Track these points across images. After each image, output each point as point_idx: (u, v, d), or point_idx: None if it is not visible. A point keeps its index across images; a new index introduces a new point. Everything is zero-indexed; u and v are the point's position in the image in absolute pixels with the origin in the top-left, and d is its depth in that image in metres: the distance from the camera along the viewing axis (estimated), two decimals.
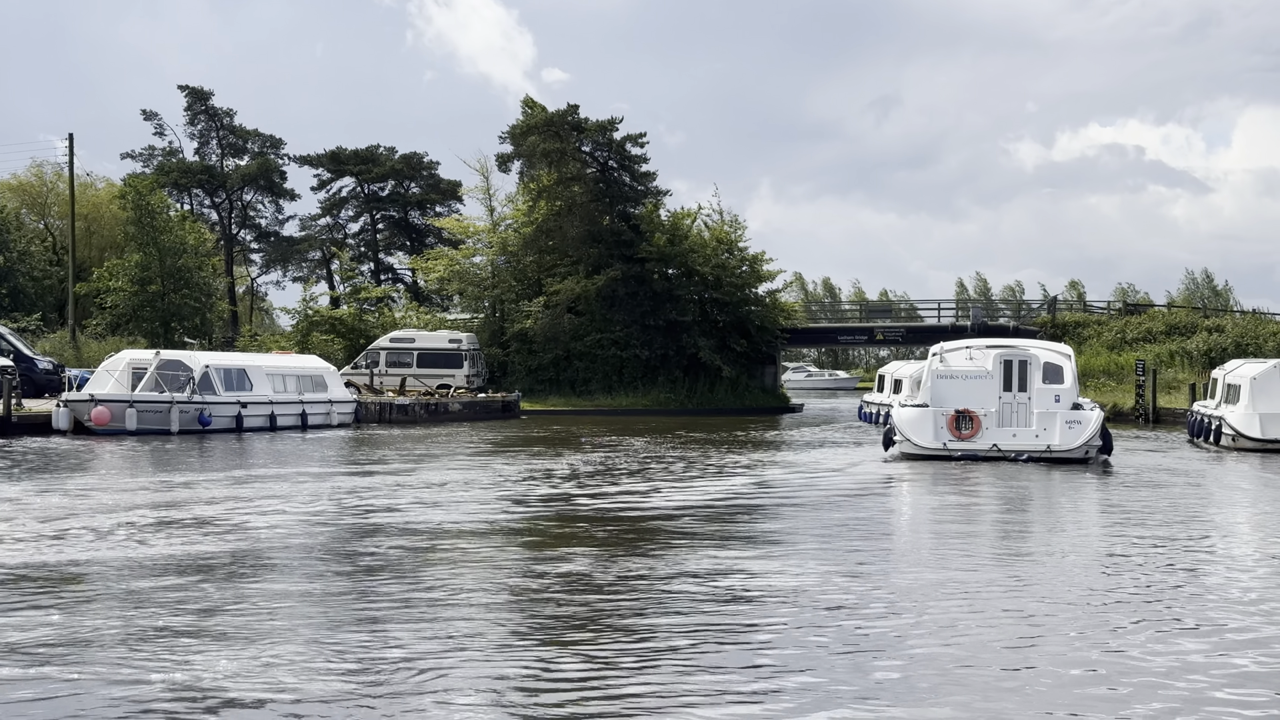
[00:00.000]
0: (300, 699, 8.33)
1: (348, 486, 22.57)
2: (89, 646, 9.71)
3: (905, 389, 46.78)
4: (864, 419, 52.43)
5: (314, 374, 45.51)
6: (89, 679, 8.75)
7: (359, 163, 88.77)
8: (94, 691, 8.46)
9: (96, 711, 8.08)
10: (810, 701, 8.38)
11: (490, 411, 53.44)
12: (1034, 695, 8.62)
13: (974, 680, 8.99)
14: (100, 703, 8.24)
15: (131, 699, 8.31)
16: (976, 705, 8.36)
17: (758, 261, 66.39)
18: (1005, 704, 8.41)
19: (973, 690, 8.71)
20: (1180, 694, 8.67)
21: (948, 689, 8.75)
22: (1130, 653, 9.80)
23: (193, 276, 64.21)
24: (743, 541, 15.91)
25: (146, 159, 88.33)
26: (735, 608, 11.45)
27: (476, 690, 8.58)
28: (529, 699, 8.43)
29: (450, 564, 13.87)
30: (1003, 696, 8.59)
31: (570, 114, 64.02)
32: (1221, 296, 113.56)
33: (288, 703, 8.25)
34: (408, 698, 8.38)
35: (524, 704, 8.31)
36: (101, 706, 8.16)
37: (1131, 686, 8.83)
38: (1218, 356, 51.99)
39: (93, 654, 9.47)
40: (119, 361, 39.81)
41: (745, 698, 8.49)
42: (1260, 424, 32.93)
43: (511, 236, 67.83)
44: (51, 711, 8.06)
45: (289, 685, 8.63)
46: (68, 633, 10.16)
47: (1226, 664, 9.52)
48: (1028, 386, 30.49)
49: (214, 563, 13.61)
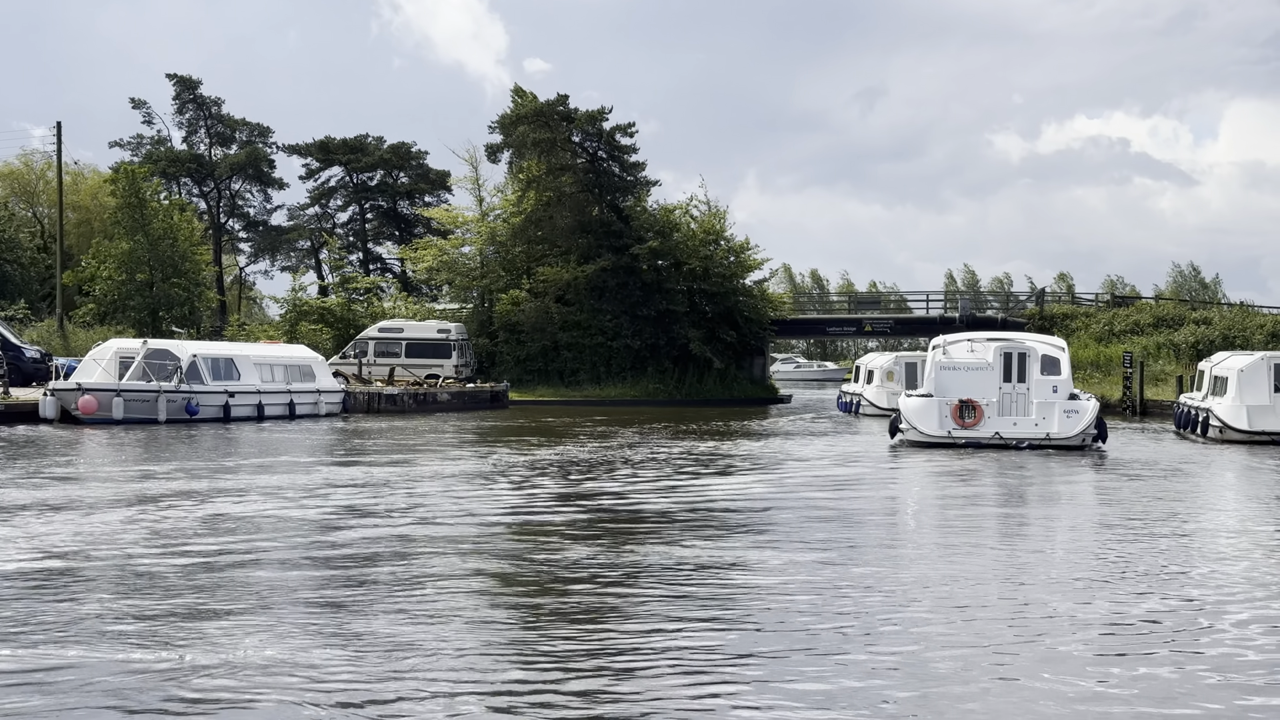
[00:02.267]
0: (287, 690, 8.33)
1: (332, 479, 22.54)
2: (62, 638, 9.70)
3: (876, 379, 49.98)
4: (842, 408, 54.80)
5: (302, 364, 45.45)
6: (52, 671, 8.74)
7: (348, 152, 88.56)
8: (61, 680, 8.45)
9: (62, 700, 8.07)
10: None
11: (478, 402, 53.40)
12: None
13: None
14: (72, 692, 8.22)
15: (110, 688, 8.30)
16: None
17: (744, 251, 66.40)
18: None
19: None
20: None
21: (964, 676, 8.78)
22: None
23: (181, 265, 64.02)
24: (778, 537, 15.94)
25: (135, 147, 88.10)
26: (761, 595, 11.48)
27: (467, 680, 8.58)
28: (530, 695, 8.43)
29: (435, 557, 13.86)
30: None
31: (560, 104, 63.95)
32: (1209, 289, 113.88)
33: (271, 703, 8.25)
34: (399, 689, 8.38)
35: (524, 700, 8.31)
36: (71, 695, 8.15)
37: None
38: (1205, 349, 52.08)
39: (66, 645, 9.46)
40: (106, 350, 39.73)
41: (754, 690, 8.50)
42: (1247, 416, 33.02)
43: (500, 227, 67.71)
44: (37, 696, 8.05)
45: (275, 685, 8.62)
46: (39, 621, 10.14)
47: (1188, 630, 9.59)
48: (1026, 378, 32.11)
49: (195, 555, 13.58)
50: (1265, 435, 32.39)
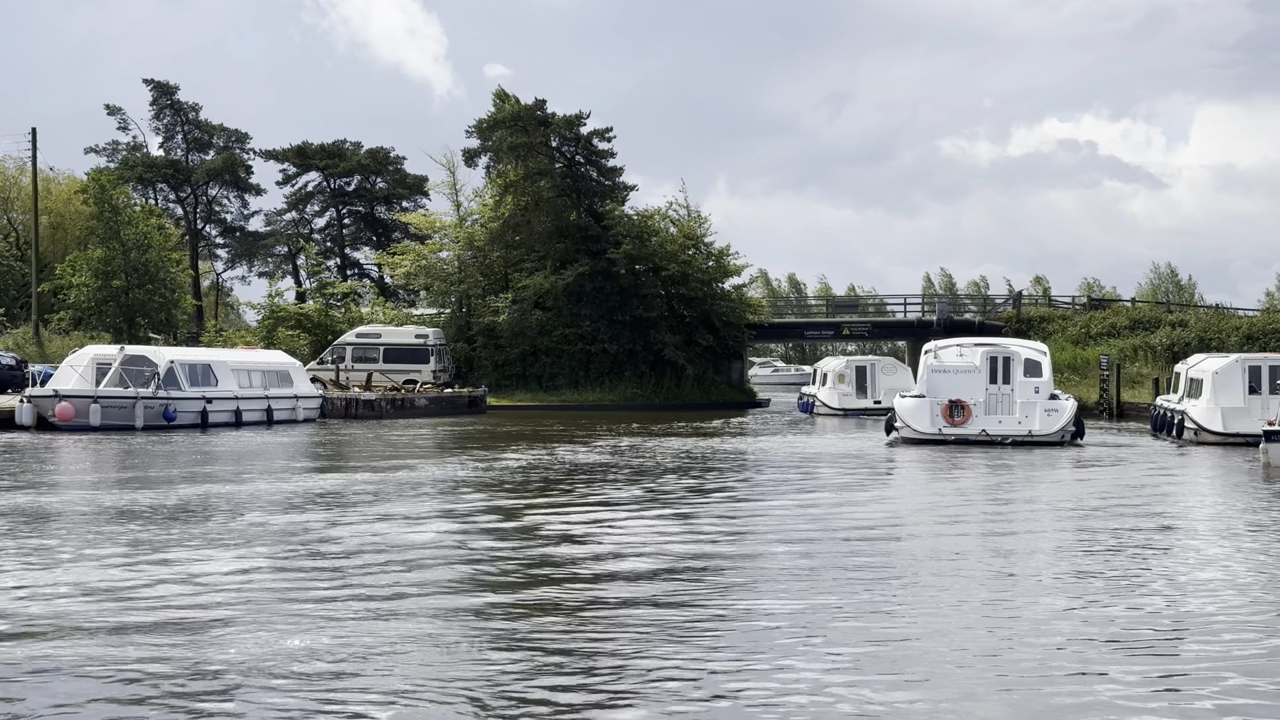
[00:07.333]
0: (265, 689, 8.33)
1: (312, 489, 22.49)
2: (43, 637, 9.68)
3: (829, 381, 54.88)
4: (801, 409, 58.78)
5: (279, 369, 45.37)
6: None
7: (325, 157, 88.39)
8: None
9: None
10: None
11: (456, 407, 53.37)
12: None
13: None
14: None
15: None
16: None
17: (724, 256, 66.54)
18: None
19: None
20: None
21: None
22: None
23: (157, 271, 63.79)
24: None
25: (110, 154, 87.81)
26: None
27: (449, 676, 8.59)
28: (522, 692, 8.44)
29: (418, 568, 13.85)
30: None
31: (537, 109, 63.99)
32: (1185, 291, 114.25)
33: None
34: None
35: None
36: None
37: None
38: (1181, 351, 52.31)
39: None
40: (83, 357, 39.61)
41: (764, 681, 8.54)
42: (1222, 418, 33.21)
43: (478, 232, 67.66)
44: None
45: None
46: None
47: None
48: (1011, 379, 34.74)
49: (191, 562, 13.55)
50: (1239, 437, 32.51)
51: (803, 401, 59.63)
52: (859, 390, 53.99)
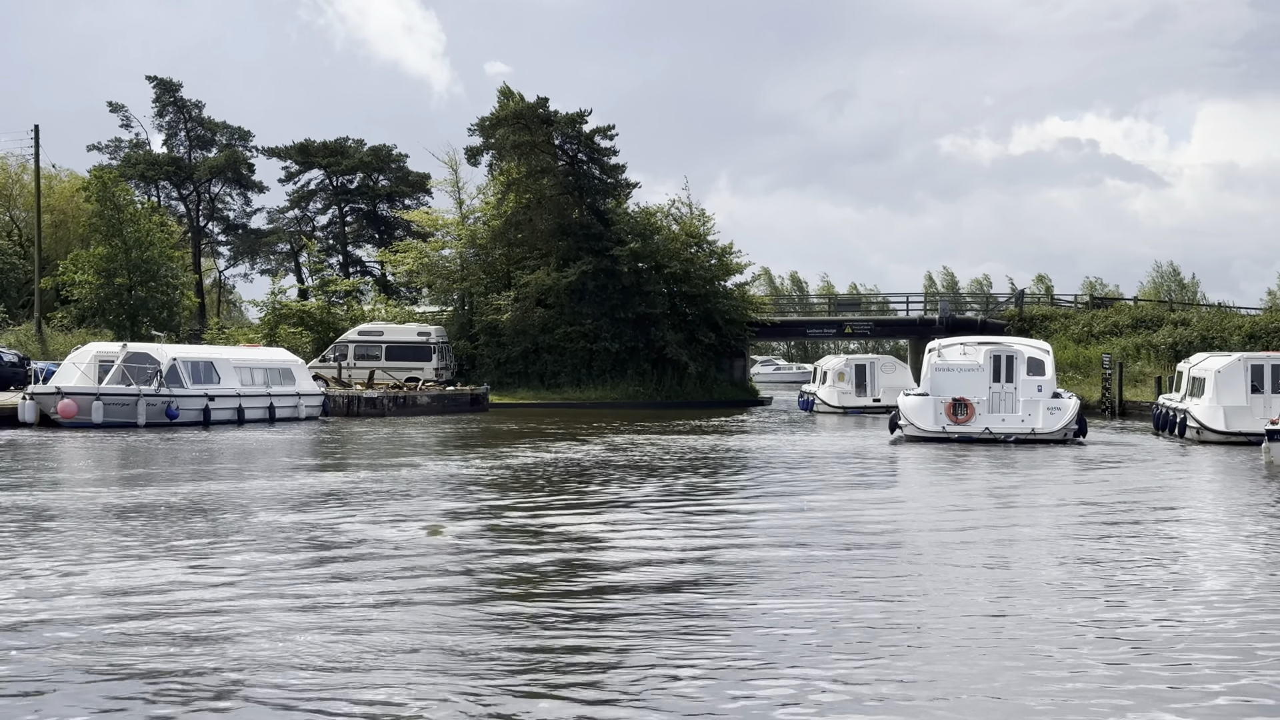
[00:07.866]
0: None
1: (315, 487, 22.49)
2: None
3: (829, 380, 55.42)
4: (802, 406, 59.43)
5: (281, 367, 45.38)
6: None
7: (327, 155, 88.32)
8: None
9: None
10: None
11: (458, 405, 53.38)
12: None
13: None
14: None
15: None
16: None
17: (726, 254, 66.57)
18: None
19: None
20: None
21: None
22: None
23: (159, 269, 63.78)
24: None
25: (113, 151, 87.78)
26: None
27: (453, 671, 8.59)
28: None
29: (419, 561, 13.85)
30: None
31: (540, 106, 63.99)
32: (1188, 289, 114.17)
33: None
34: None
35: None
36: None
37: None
38: (1184, 350, 52.28)
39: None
40: (85, 354, 39.64)
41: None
42: (1224, 417, 33.19)
43: (480, 229, 67.70)
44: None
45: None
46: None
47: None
48: (1014, 378, 34.92)
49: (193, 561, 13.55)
50: (1242, 436, 32.50)
51: (803, 400, 60.15)
52: (858, 388, 54.39)
